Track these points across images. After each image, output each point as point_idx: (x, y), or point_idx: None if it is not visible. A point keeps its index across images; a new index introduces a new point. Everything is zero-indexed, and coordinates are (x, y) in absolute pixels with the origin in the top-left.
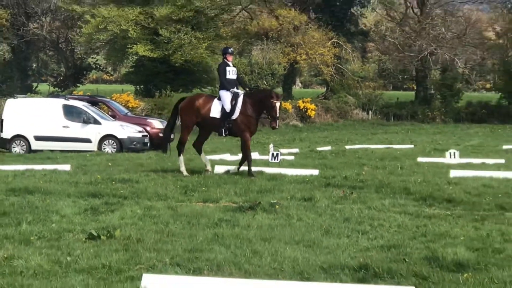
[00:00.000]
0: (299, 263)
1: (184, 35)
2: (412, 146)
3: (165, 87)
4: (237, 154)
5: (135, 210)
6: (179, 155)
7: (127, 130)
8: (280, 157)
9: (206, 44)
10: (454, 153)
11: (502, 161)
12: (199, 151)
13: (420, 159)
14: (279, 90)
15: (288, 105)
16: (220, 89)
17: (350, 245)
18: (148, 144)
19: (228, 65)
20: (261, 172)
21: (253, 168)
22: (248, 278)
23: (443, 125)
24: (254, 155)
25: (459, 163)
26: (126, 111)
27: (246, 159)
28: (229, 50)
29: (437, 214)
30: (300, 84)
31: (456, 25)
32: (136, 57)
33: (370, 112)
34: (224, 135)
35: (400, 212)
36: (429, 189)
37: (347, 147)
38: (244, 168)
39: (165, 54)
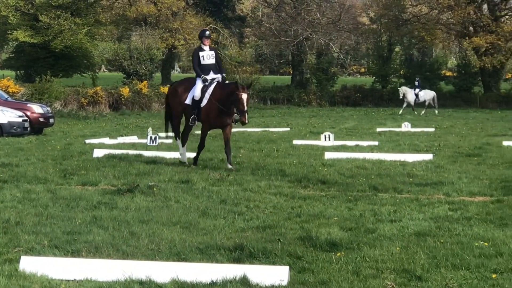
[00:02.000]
0: (176, 244)
1: (64, 21)
2: (288, 129)
3: (46, 72)
4: (116, 138)
5: (14, 194)
6: (176, 139)
7: (7, 115)
8: (158, 140)
9: (85, 30)
10: (329, 135)
11: (376, 143)
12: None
13: (295, 142)
14: (236, 78)
15: (167, 89)
16: (195, 77)
17: (226, 226)
18: (28, 129)
19: (203, 50)
20: (140, 155)
21: (132, 152)
22: (126, 259)
23: (318, 109)
24: (133, 139)
25: (333, 145)
26: (6, 96)
27: (201, 149)
28: (206, 33)
29: (312, 195)
30: (178, 69)
31: (331, 10)
32: (16, 43)
33: None
34: (191, 123)
35: (275, 194)
36: (304, 171)
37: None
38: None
39: (45, 39)
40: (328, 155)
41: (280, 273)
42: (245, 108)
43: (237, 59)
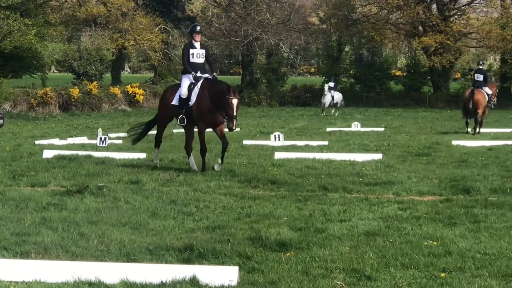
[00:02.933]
0: (125, 245)
1: (13, 22)
2: (238, 129)
3: None
4: (66, 138)
5: None
6: (155, 148)
7: None
8: (108, 141)
9: (35, 30)
10: (279, 135)
11: (326, 143)
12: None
13: (245, 142)
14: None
15: (117, 90)
16: (182, 74)
17: (176, 226)
18: None
19: (194, 47)
20: (90, 156)
21: (82, 152)
22: (75, 261)
23: (268, 109)
24: (82, 140)
25: (283, 145)
26: None
27: (204, 155)
28: (197, 28)
29: (262, 195)
30: (128, 70)
31: (281, 10)
32: None
33: None
34: (180, 123)
35: (225, 194)
36: (254, 171)
37: (175, 130)
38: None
39: None
40: (278, 155)
41: (230, 273)
42: (235, 114)
43: None
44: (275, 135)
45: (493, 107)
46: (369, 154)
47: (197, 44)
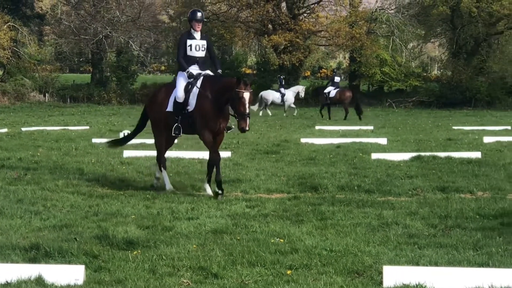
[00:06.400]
0: None
1: None
2: (87, 127)
3: None
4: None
5: None
6: (161, 169)
7: None
8: None
9: None
10: (127, 133)
11: (176, 141)
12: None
13: (95, 140)
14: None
15: None
16: (177, 71)
17: (22, 225)
18: None
19: (192, 37)
20: None
21: None
22: None
23: (118, 107)
24: None
25: (132, 143)
26: None
27: (213, 165)
28: (197, 15)
29: (110, 194)
30: None
31: (131, 8)
32: None
33: (47, 94)
34: (175, 134)
35: (73, 192)
36: (102, 170)
37: (23, 129)
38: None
39: None
40: (127, 154)
41: (76, 272)
42: (247, 111)
43: (37, 57)
44: (124, 133)
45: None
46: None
47: (197, 35)
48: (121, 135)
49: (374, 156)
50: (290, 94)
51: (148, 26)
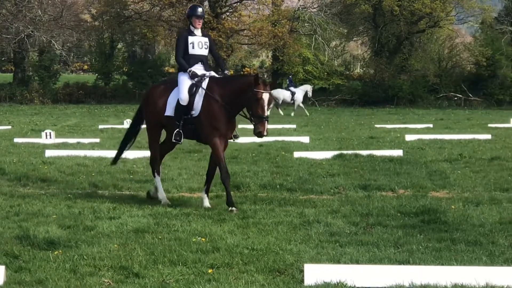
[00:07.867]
0: None
1: None
2: (9, 127)
3: None
4: None
5: None
6: (154, 175)
7: None
8: None
9: None
10: (50, 133)
11: (97, 140)
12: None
13: (16, 140)
14: None
15: None
16: (178, 71)
17: None
18: None
19: (193, 34)
20: None
21: None
22: None
23: (41, 106)
24: None
25: (55, 143)
26: None
27: (220, 173)
28: (198, 10)
29: (31, 194)
30: None
31: (53, 7)
32: None
33: None
34: (175, 140)
35: None
36: (24, 169)
37: None
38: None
39: None
40: (49, 153)
41: None
42: (266, 114)
43: None
44: (46, 133)
45: None
46: (140, 151)
47: (198, 32)
48: (125, 123)
49: (297, 154)
50: (300, 93)
51: (71, 25)
